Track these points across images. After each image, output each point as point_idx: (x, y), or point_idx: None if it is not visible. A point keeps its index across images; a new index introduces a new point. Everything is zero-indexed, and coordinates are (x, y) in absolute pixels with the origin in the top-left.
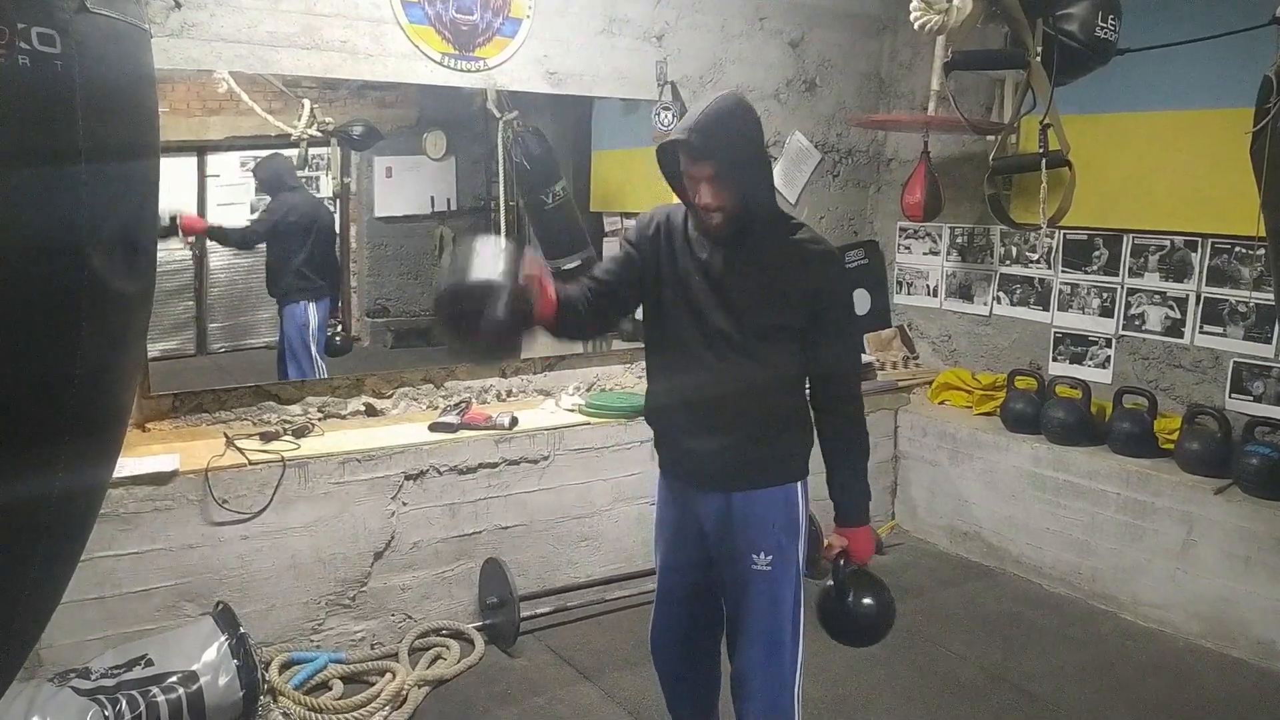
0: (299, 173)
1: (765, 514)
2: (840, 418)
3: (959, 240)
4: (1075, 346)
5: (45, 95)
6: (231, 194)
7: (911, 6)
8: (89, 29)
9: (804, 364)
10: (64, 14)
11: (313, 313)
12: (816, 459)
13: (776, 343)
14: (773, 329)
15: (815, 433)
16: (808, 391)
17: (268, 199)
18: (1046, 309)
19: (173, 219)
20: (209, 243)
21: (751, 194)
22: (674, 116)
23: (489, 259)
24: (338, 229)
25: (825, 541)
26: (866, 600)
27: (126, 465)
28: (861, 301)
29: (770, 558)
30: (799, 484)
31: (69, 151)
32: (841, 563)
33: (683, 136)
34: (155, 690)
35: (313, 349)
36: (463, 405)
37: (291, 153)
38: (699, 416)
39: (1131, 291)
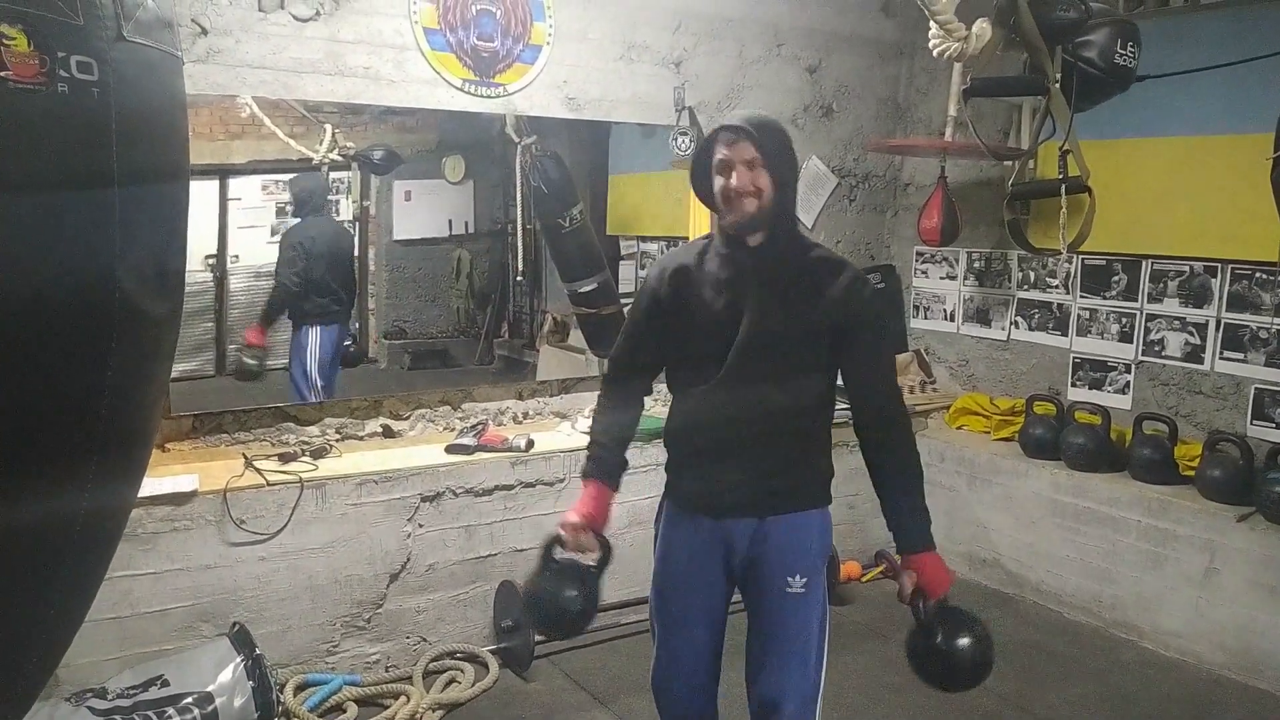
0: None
1: (803, 537)
2: (889, 439)
3: (976, 265)
4: (1094, 372)
5: (82, 122)
6: (253, 217)
7: (930, 34)
8: (126, 57)
9: (831, 386)
10: (102, 42)
11: (314, 338)
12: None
13: (803, 362)
14: (798, 347)
15: (862, 457)
16: (849, 415)
17: (289, 222)
18: (1065, 334)
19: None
20: (229, 264)
21: (785, 195)
22: (691, 141)
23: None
24: (356, 252)
25: (899, 582)
26: (962, 640)
27: (146, 485)
28: None
29: (805, 580)
30: (828, 508)
31: (103, 176)
32: (920, 603)
33: (732, 122)
34: (171, 711)
35: (313, 372)
36: (479, 427)
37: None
38: (727, 442)
39: (1151, 317)
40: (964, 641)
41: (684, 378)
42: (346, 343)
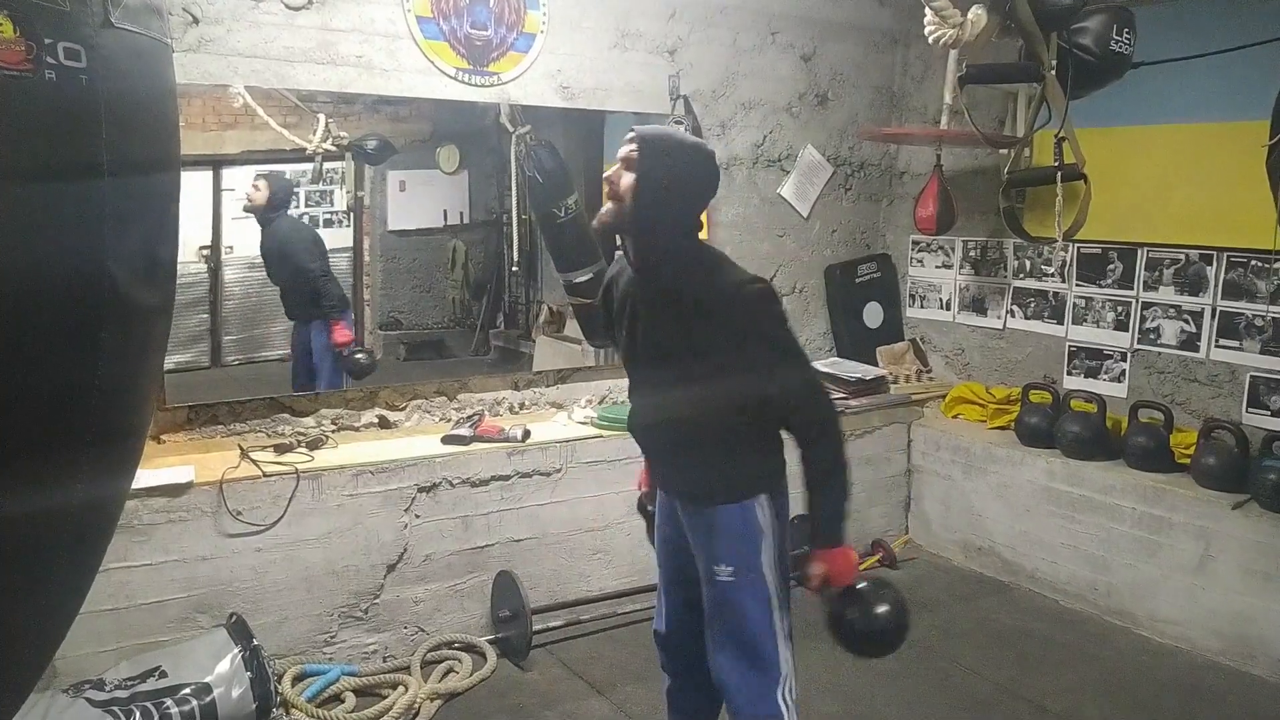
0: (312, 186)
1: (723, 528)
2: (803, 443)
3: (972, 254)
4: (1090, 360)
5: (70, 110)
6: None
7: (926, 21)
8: (114, 44)
9: (747, 391)
10: (89, 29)
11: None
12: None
13: (698, 373)
14: (686, 357)
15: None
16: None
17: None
18: (1061, 322)
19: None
20: (224, 255)
21: (650, 204)
22: (686, 130)
23: None
24: (351, 243)
25: (805, 570)
26: (867, 614)
27: (141, 477)
28: (874, 315)
29: (731, 569)
30: (757, 500)
31: (92, 165)
32: (825, 590)
33: (633, 142)
34: (169, 702)
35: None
36: (475, 418)
37: (306, 166)
38: (651, 436)
39: (1146, 305)
40: (870, 615)
41: (628, 376)
42: (358, 355)
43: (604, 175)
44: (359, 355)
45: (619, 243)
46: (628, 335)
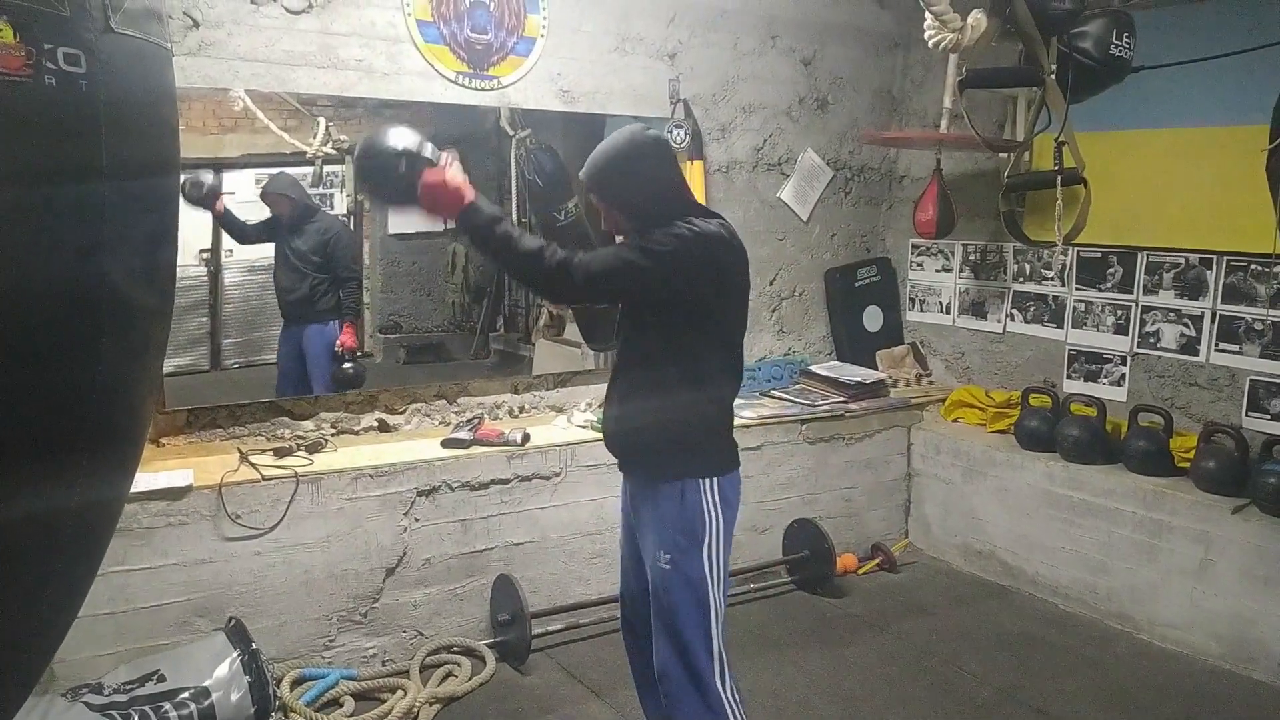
0: (313, 190)
1: (664, 512)
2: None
3: (972, 257)
4: (1090, 364)
5: (70, 114)
6: (246, 211)
7: (926, 24)
8: (114, 49)
9: (697, 352)
10: (90, 34)
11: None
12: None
13: (646, 326)
14: (628, 316)
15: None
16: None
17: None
18: (1060, 326)
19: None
20: (223, 259)
21: (639, 206)
22: (686, 134)
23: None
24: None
25: None
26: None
27: (141, 480)
28: (874, 319)
29: (669, 556)
30: (701, 481)
31: (92, 169)
32: None
33: (581, 177)
34: (167, 706)
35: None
36: (475, 421)
37: (307, 170)
38: (611, 386)
39: (1146, 309)
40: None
41: None
42: (346, 365)
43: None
44: (347, 365)
45: None
46: None
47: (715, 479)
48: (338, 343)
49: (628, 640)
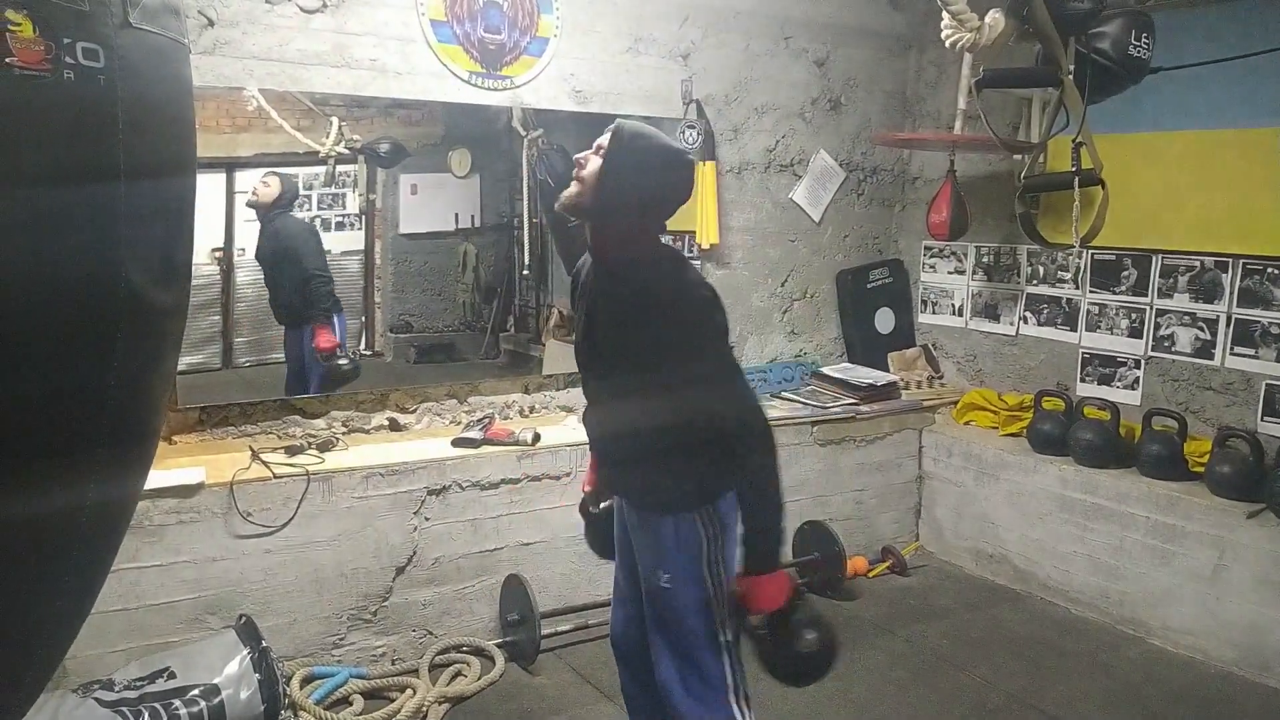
0: (326, 189)
1: (661, 537)
2: (738, 453)
3: (985, 259)
4: (1103, 367)
5: (88, 110)
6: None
7: (943, 24)
8: (132, 44)
9: (677, 397)
10: (108, 29)
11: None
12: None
13: (635, 370)
14: (629, 355)
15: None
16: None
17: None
18: (1074, 329)
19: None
20: (236, 257)
21: (610, 192)
22: (698, 135)
23: None
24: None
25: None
26: (794, 644)
27: (153, 478)
28: (885, 320)
29: (669, 575)
30: (696, 512)
31: (109, 166)
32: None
33: (606, 144)
34: (177, 703)
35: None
36: (485, 421)
37: (319, 169)
38: (595, 432)
39: (1161, 312)
40: (796, 645)
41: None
42: (341, 361)
43: (574, 156)
44: (341, 361)
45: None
46: (584, 323)
47: (713, 505)
48: (314, 345)
49: (629, 690)
